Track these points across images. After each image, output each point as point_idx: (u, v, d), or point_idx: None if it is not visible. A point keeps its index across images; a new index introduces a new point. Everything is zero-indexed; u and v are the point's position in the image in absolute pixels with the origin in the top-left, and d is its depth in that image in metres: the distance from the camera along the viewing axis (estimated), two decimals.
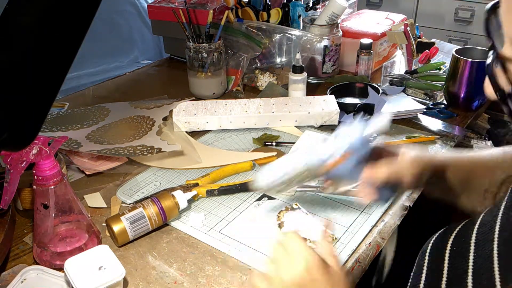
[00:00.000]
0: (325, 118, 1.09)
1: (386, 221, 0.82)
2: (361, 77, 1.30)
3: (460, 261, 0.63)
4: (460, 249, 0.65)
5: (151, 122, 1.09)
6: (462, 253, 0.64)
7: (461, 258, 0.64)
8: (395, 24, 1.42)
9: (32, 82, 0.47)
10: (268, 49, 1.31)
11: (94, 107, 1.21)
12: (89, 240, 0.75)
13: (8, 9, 0.44)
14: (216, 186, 0.88)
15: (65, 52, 0.48)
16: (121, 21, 2.39)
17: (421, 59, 1.25)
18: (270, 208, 0.85)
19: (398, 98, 1.20)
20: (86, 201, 0.88)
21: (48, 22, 0.45)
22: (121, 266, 0.67)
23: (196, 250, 0.77)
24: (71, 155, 0.99)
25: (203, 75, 1.24)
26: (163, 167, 0.97)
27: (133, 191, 0.90)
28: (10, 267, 0.73)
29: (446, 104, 1.19)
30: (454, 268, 0.64)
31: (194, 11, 1.31)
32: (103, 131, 1.08)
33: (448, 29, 2.52)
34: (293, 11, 1.37)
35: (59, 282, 0.69)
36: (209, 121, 1.09)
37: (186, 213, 0.84)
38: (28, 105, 0.48)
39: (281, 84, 1.29)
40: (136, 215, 0.77)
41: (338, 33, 1.32)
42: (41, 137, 0.66)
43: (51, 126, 1.10)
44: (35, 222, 0.72)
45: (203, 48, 1.20)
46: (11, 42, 0.45)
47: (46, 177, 0.68)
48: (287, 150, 1.00)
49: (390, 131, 1.09)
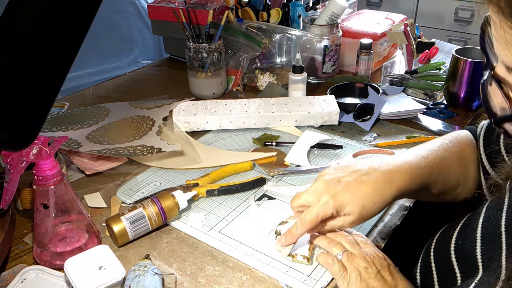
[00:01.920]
0: (325, 118, 1.09)
1: (386, 221, 0.82)
2: (361, 77, 1.30)
3: (468, 253, 0.64)
4: (467, 242, 0.66)
5: (151, 122, 1.09)
6: (469, 245, 0.65)
7: (468, 251, 0.64)
8: (395, 24, 1.42)
9: (32, 82, 0.47)
10: (268, 49, 1.31)
11: (94, 107, 1.21)
12: (89, 240, 0.75)
13: (9, 9, 0.44)
14: (216, 186, 0.88)
15: (66, 52, 0.48)
16: (121, 21, 2.39)
17: (421, 59, 1.25)
18: (270, 208, 0.85)
19: (398, 98, 1.20)
20: (86, 201, 0.88)
21: (49, 22, 0.45)
22: (121, 266, 0.67)
23: (196, 250, 0.77)
24: (71, 155, 0.99)
25: (203, 75, 1.24)
26: (163, 167, 0.97)
27: (133, 191, 0.90)
28: (10, 267, 0.73)
29: (446, 104, 1.19)
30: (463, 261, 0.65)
31: (194, 11, 1.31)
32: (103, 131, 1.08)
33: (448, 29, 2.52)
34: (293, 11, 1.37)
35: (59, 282, 0.69)
36: (209, 121, 1.09)
37: (186, 213, 0.84)
38: (29, 105, 0.48)
39: (281, 84, 1.29)
40: (136, 215, 0.77)
41: (338, 33, 1.32)
42: (41, 137, 0.66)
43: (51, 126, 1.10)
44: (35, 222, 0.72)
45: (203, 48, 1.20)
46: (11, 42, 0.45)
47: (46, 177, 0.68)
48: (287, 150, 1.00)
49: (390, 131, 1.09)
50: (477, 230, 0.65)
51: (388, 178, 0.67)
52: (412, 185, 0.69)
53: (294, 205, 0.71)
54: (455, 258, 0.67)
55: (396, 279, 0.65)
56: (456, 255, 0.67)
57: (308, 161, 0.96)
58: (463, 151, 0.77)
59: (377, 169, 0.68)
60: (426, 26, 2.49)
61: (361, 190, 0.66)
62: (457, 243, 0.68)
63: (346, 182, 0.67)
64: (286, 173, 0.94)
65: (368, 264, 0.65)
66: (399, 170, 0.69)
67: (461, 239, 0.68)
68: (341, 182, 0.67)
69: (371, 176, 0.67)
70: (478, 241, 0.64)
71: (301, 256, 0.73)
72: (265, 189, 0.90)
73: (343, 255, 0.67)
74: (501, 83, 0.46)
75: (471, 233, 0.66)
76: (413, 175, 0.69)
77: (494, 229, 0.62)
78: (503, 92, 0.46)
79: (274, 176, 0.94)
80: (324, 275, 0.70)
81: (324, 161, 0.99)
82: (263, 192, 0.90)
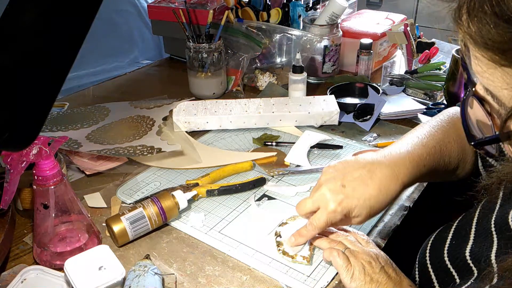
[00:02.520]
0: (325, 118, 1.09)
1: (386, 221, 0.82)
2: (361, 77, 1.30)
3: (458, 253, 0.65)
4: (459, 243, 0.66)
5: (151, 122, 1.09)
6: (460, 246, 0.65)
7: (459, 251, 0.65)
8: (395, 24, 1.42)
9: (32, 82, 0.47)
10: (268, 49, 1.31)
11: (94, 107, 1.21)
12: (89, 240, 0.75)
13: (9, 9, 0.44)
14: (216, 186, 0.88)
15: (66, 52, 0.48)
16: (121, 21, 2.39)
17: (421, 59, 1.25)
18: (270, 208, 0.85)
19: (398, 98, 1.20)
20: (86, 201, 0.88)
21: (49, 23, 0.45)
22: (121, 266, 0.67)
23: (196, 250, 0.77)
24: (71, 155, 0.99)
25: (203, 75, 1.24)
26: (163, 167, 0.97)
27: (133, 191, 0.90)
28: (10, 267, 0.73)
29: (446, 104, 1.19)
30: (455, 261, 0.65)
31: (194, 11, 1.31)
32: (103, 131, 1.08)
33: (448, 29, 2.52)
34: (293, 11, 1.37)
35: (59, 282, 0.69)
36: (209, 121, 1.09)
37: (186, 213, 0.84)
38: (29, 105, 0.48)
39: (281, 84, 1.29)
40: (136, 215, 0.77)
41: (338, 33, 1.32)
42: (41, 137, 0.66)
43: (51, 126, 1.10)
44: (35, 222, 0.72)
45: (203, 48, 1.20)
46: (12, 42, 0.45)
47: (46, 177, 0.68)
48: (287, 150, 1.00)
49: (390, 131, 1.10)
50: (471, 231, 0.65)
51: (392, 173, 0.67)
52: (416, 175, 0.69)
53: (301, 214, 0.72)
54: (447, 258, 0.67)
55: (400, 275, 0.65)
56: (448, 256, 0.67)
57: (308, 161, 0.96)
58: (459, 131, 0.76)
59: (381, 164, 0.68)
60: (426, 26, 2.49)
61: (366, 192, 0.66)
62: (451, 243, 0.68)
63: (351, 186, 0.67)
64: (286, 173, 0.94)
65: (372, 259, 0.65)
66: (403, 164, 0.68)
67: (455, 240, 0.68)
68: (345, 186, 0.67)
69: (375, 174, 0.67)
70: (470, 241, 0.64)
71: (301, 256, 0.73)
72: (265, 189, 0.90)
73: (346, 251, 0.67)
74: (482, 101, 0.45)
75: (464, 234, 0.66)
76: (417, 167, 0.69)
77: (486, 229, 0.62)
78: (485, 109, 0.45)
79: (274, 176, 0.94)
80: (324, 276, 0.70)
81: (324, 161, 0.99)
82: (263, 192, 0.90)
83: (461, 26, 0.41)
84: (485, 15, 0.38)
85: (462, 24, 0.40)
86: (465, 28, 0.40)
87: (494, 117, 0.45)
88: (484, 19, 0.38)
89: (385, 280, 0.63)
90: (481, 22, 0.38)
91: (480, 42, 0.39)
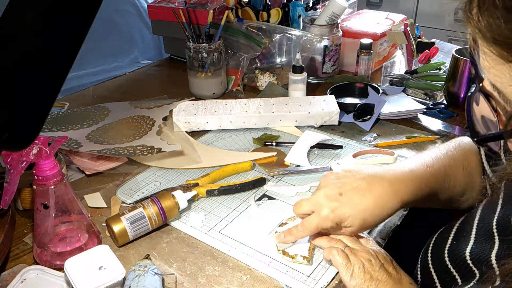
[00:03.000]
0: (325, 118, 1.09)
1: (386, 221, 0.82)
2: (361, 77, 1.30)
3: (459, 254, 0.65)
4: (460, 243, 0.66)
5: (151, 122, 1.09)
6: (461, 247, 0.65)
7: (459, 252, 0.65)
8: (395, 24, 1.42)
9: (32, 82, 0.47)
10: (268, 49, 1.31)
11: (94, 107, 1.21)
12: (89, 240, 0.75)
13: (9, 9, 0.44)
14: (216, 186, 0.88)
15: (66, 52, 0.48)
16: (121, 21, 2.39)
17: (421, 59, 1.25)
18: (270, 208, 0.85)
19: (398, 98, 1.20)
20: (86, 201, 0.88)
21: (49, 23, 0.45)
22: (121, 266, 0.67)
23: (196, 250, 0.77)
24: (71, 155, 0.99)
25: (203, 75, 1.24)
26: (163, 167, 0.97)
27: (133, 191, 0.90)
28: (10, 267, 0.73)
29: (446, 104, 1.19)
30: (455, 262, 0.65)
31: (194, 11, 1.31)
32: (103, 131, 1.08)
33: (448, 29, 2.52)
34: (293, 11, 1.37)
35: (59, 282, 0.69)
36: (209, 121, 1.09)
37: (186, 213, 0.84)
38: (29, 105, 0.48)
39: (281, 84, 1.29)
40: (136, 215, 0.77)
41: (338, 33, 1.32)
42: (41, 137, 0.66)
43: (51, 126, 1.10)
44: (35, 222, 0.72)
45: (203, 48, 1.20)
46: (12, 42, 0.45)
47: (46, 177, 0.68)
48: (287, 150, 1.00)
49: (390, 131, 1.09)
50: (471, 231, 0.65)
51: (392, 189, 0.67)
52: (417, 195, 0.69)
53: (297, 213, 0.72)
54: (448, 258, 0.67)
55: (400, 273, 0.65)
56: (448, 256, 0.67)
57: (308, 161, 0.96)
58: (467, 159, 0.77)
59: (382, 178, 0.68)
60: (426, 26, 2.49)
61: (362, 204, 0.66)
62: (452, 243, 0.68)
63: (348, 196, 0.67)
64: (286, 173, 0.94)
65: (371, 257, 0.65)
66: (404, 181, 0.68)
67: (456, 240, 0.68)
68: (342, 195, 0.67)
69: (374, 187, 0.67)
70: (471, 242, 0.64)
71: (301, 256, 0.73)
72: (265, 189, 0.90)
73: (346, 249, 0.67)
74: (488, 97, 0.45)
75: (465, 234, 0.66)
76: (418, 186, 0.69)
77: (487, 230, 0.62)
78: (491, 105, 0.45)
79: (274, 176, 0.94)
80: (324, 276, 0.70)
81: (324, 161, 0.99)
82: (263, 192, 0.90)
83: (471, 20, 0.40)
84: (496, 9, 0.37)
85: (472, 18, 0.40)
86: (475, 22, 0.40)
87: (500, 113, 0.45)
88: (494, 14, 0.38)
89: (385, 278, 0.63)
90: (492, 16, 0.38)
91: (489, 37, 0.39)
